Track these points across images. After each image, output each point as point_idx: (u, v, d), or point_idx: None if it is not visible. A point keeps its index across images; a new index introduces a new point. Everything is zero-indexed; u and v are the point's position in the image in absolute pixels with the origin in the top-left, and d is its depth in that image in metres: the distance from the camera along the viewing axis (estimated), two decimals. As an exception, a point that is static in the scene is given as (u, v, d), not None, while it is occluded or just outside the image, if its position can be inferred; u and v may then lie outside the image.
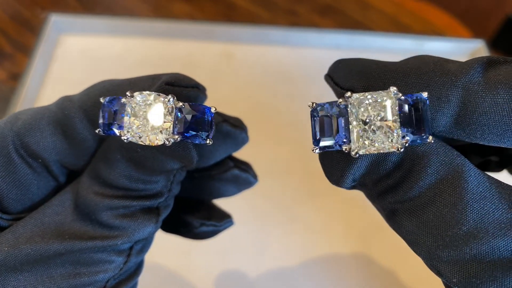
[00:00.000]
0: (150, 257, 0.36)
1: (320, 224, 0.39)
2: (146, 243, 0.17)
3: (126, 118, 0.14)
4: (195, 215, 0.21)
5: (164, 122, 0.14)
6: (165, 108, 0.14)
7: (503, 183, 0.13)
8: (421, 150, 0.13)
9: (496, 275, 0.12)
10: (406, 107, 0.13)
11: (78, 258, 0.15)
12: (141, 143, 0.14)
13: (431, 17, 0.63)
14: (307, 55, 0.52)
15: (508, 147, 0.14)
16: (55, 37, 0.51)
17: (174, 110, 0.14)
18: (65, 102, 0.17)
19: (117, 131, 0.14)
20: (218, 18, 0.58)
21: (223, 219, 0.22)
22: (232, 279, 0.36)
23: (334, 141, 0.14)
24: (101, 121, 0.15)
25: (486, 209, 0.12)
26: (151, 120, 0.14)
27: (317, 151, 0.14)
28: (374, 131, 0.13)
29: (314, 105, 0.14)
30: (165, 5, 0.59)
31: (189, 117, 0.14)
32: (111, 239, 0.15)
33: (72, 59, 0.50)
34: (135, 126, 0.14)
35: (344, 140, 0.14)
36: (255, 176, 0.22)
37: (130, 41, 0.51)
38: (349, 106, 0.14)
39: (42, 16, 0.55)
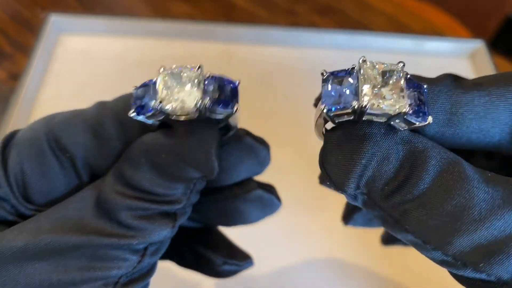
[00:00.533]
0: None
1: (320, 224, 0.39)
2: (161, 245, 0.17)
3: (158, 89, 0.15)
4: (217, 252, 0.22)
5: (195, 88, 0.14)
6: (195, 77, 0.15)
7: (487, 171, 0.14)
8: (421, 146, 0.14)
9: None
10: (411, 85, 0.14)
11: (94, 252, 0.15)
12: (174, 110, 0.14)
13: (431, 17, 0.63)
14: (307, 55, 0.52)
15: (488, 148, 0.15)
16: (54, 37, 0.51)
17: (203, 79, 0.15)
18: (100, 105, 0.18)
19: (150, 103, 0.15)
20: (218, 18, 0.58)
21: (244, 259, 0.22)
22: (232, 279, 0.36)
23: (345, 99, 0.14)
24: (133, 104, 0.15)
25: (488, 190, 0.13)
26: (182, 88, 0.15)
27: (325, 109, 0.14)
28: (383, 94, 0.13)
29: (326, 72, 0.15)
30: (164, 5, 0.59)
31: (216, 85, 0.15)
32: (128, 239, 0.15)
33: (72, 59, 0.50)
34: (165, 96, 0.15)
35: (354, 98, 0.14)
36: (279, 199, 0.21)
37: (129, 41, 0.51)
38: (361, 70, 0.14)
39: (42, 16, 0.55)
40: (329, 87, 0.14)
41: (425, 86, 0.14)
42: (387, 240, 0.25)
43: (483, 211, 0.13)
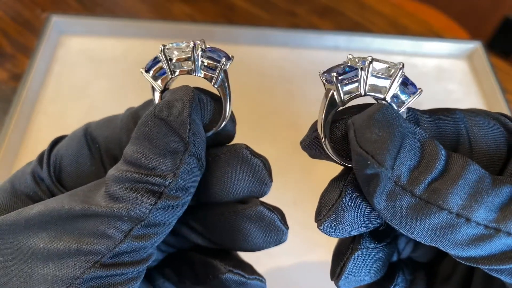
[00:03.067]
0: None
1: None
2: (147, 232, 0.17)
3: (162, 48, 0.18)
4: (223, 261, 0.21)
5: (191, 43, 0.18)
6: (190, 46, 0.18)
7: None
8: (426, 137, 0.16)
9: None
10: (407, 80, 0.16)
11: (85, 226, 0.16)
12: (173, 52, 0.18)
13: (429, 18, 0.63)
14: (307, 56, 0.52)
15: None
16: (56, 38, 0.51)
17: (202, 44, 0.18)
18: (127, 110, 0.20)
19: (157, 55, 0.18)
20: (218, 20, 0.58)
21: (252, 273, 0.21)
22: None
23: (350, 73, 0.16)
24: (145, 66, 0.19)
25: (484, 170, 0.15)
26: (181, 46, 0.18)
27: (335, 75, 0.16)
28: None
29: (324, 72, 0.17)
30: (165, 6, 0.59)
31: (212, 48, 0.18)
32: (110, 208, 0.16)
33: (73, 60, 0.50)
34: (169, 48, 0.18)
35: (358, 73, 0.16)
36: (284, 224, 0.20)
37: (130, 42, 0.52)
38: (365, 66, 0.16)
39: (43, 17, 0.55)
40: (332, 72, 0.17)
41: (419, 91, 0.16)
42: None
43: (492, 183, 0.15)
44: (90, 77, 0.49)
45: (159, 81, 0.19)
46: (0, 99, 0.47)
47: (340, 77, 0.16)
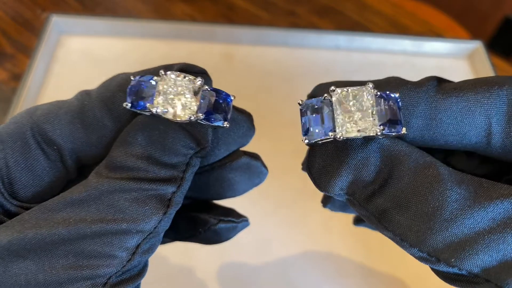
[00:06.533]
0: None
1: (320, 223, 0.39)
2: (153, 243, 0.16)
3: (156, 94, 0.15)
4: (211, 213, 0.21)
5: (191, 101, 0.15)
6: (193, 89, 0.16)
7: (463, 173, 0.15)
8: (397, 152, 0.15)
9: (485, 242, 0.14)
10: (381, 102, 0.15)
11: (82, 249, 0.14)
12: (167, 116, 0.15)
13: (429, 18, 0.63)
14: (307, 56, 0.52)
15: (466, 149, 0.16)
16: (56, 38, 0.51)
17: (201, 91, 0.16)
18: (84, 94, 0.17)
19: (146, 104, 0.15)
20: (218, 19, 0.58)
21: (239, 217, 0.22)
22: (232, 278, 0.36)
23: (322, 130, 0.16)
24: (129, 97, 0.16)
25: (460, 191, 0.14)
26: (179, 98, 0.15)
27: (306, 141, 0.16)
28: (356, 119, 0.15)
29: (302, 102, 0.16)
30: (165, 6, 0.59)
31: (213, 99, 0.16)
32: (115, 222, 0.15)
33: (73, 60, 0.50)
34: (164, 101, 0.15)
35: (330, 128, 0.15)
36: (265, 166, 0.21)
37: (130, 42, 0.52)
38: (333, 98, 0.15)
39: (43, 17, 0.55)
40: (307, 118, 0.16)
41: (397, 96, 0.15)
42: (358, 220, 0.27)
43: (454, 211, 0.14)
44: (90, 77, 0.49)
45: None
46: (0, 99, 0.47)
47: (312, 143, 0.16)
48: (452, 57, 0.54)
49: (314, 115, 0.16)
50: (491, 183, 0.15)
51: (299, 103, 0.16)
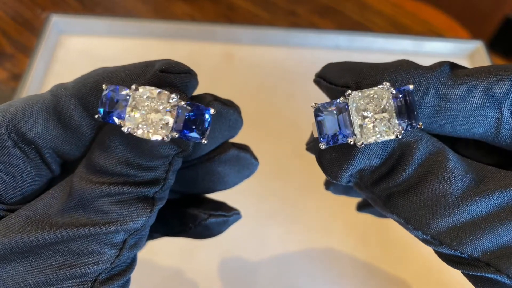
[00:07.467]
0: (151, 255, 0.37)
1: (320, 223, 0.39)
2: (140, 238, 0.16)
3: (128, 109, 0.14)
4: (201, 207, 0.21)
5: (165, 119, 0.14)
6: (167, 105, 0.14)
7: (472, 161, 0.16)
8: (409, 139, 0.15)
9: (488, 227, 0.14)
10: (398, 100, 0.15)
11: (69, 248, 0.14)
12: (139, 136, 0.14)
13: (430, 18, 0.63)
14: (307, 56, 0.52)
15: (473, 138, 0.16)
16: (55, 37, 0.51)
17: (176, 108, 0.15)
18: (60, 89, 0.16)
19: (117, 120, 0.14)
20: (219, 19, 0.58)
21: (230, 210, 0.22)
22: (232, 278, 0.36)
23: (340, 135, 0.15)
24: (101, 108, 0.15)
25: (466, 179, 0.15)
26: (152, 115, 0.14)
27: (324, 146, 0.16)
28: (374, 123, 0.15)
29: (316, 105, 0.16)
30: (165, 6, 0.59)
31: (188, 116, 0.15)
32: (104, 226, 0.15)
33: (73, 60, 0.50)
34: (136, 118, 0.14)
35: (348, 132, 0.15)
36: (255, 158, 0.21)
37: (130, 41, 0.52)
38: (349, 102, 0.15)
39: (43, 17, 0.55)
40: (322, 124, 0.16)
41: (411, 88, 0.15)
42: (361, 206, 0.27)
43: (459, 198, 0.14)
44: (90, 77, 0.48)
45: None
46: (0, 99, 0.47)
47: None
48: (453, 57, 0.54)
49: (330, 120, 0.15)
50: (497, 171, 0.15)
51: (312, 106, 0.16)
